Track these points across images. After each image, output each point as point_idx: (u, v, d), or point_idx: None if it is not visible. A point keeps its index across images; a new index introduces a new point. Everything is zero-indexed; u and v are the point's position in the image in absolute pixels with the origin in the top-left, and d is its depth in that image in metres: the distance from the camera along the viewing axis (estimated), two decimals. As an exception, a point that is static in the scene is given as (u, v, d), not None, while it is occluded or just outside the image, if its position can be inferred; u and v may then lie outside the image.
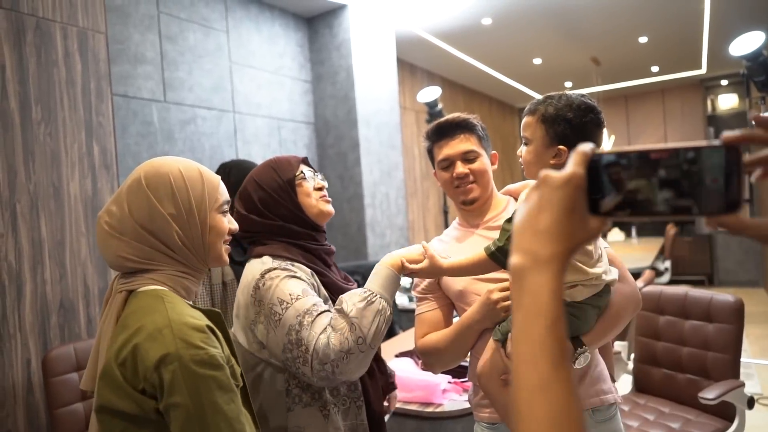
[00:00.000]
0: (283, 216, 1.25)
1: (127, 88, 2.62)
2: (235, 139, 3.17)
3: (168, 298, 0.92)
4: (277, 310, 1.11)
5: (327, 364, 1.06)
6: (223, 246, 1.04)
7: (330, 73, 3.76)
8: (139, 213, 0.95)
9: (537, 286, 0.48)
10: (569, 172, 0.50)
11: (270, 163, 1.30)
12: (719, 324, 2.26)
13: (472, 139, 1.36)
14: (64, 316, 2.26)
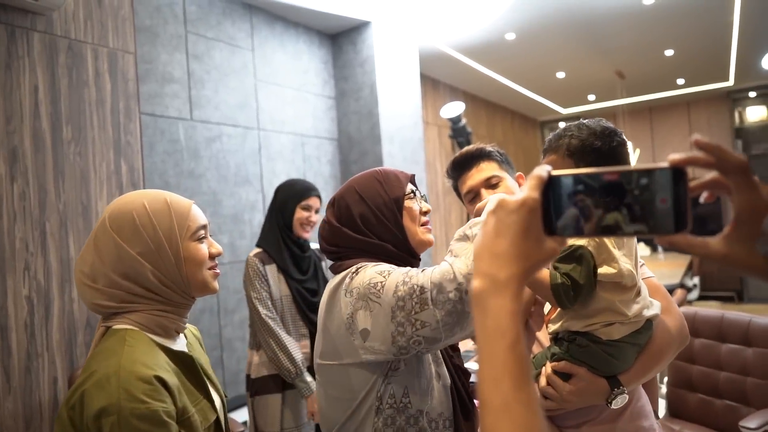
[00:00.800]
0: (381, 236, 1.10)
1: (154, 107, 2.65)
2: (259, 155, 3.18)
3: (131, 341, 0.89)
4: (377, 279, 0.97)
5: (452, 291, 0.90)
6: (207, 273, 0.99)
7: (354, 90, 3.77)
8: (108, 257, 0.92)
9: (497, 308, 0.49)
10: (523, 197, 0.51)
11: (376, 176, 1.15)
12: (759, 348, 2.17)
13: (491, 165, 1.37)
14: (90, 335, 2.27)
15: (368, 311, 0.97)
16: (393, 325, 0.95)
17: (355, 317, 0.99)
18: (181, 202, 1.00)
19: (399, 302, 0.94)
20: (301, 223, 2.11)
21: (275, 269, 2.08)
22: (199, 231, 0.99)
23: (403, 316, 0.94)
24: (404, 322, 0.94)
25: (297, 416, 2.02)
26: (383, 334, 0.96)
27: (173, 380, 0.88)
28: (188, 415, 0.89)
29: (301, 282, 2.09)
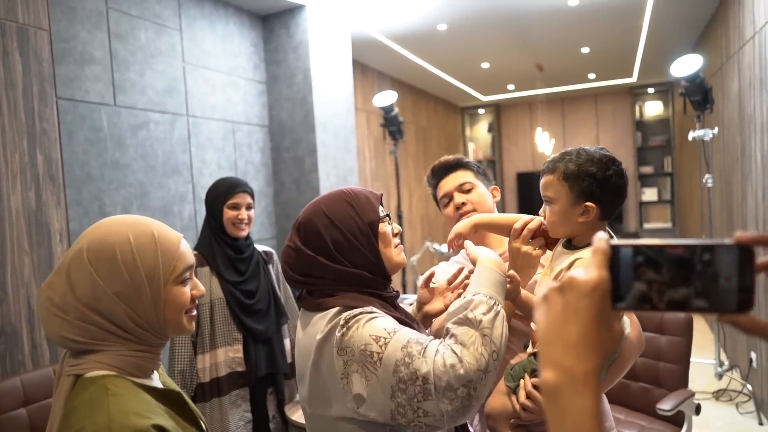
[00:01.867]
0: (355, 262, 1.05)
1: (73, 91, 2.41)
2: (189, 144, 3.01)
3: (114, 389, 0.82)
4: (374, 348, 0.92)
5: (460, 388, 0.87)
6: (185, 317, 0.93)
7: (286, 75, 3.64)
8: (81, 291, 0.85)
9: (578, 408, 0.46)
10: (596, 278, 0.48)
11: (345, 198, 1.08)
12: (671, 336, 2.41)
13: (466, 173, 1.48)
14: (6, 344, 2.07)
15: (364, 378, 0.92)
16: (393, 404, 0.91)
17: (349, 379, 0.94)
18: (170, 238, 0.92)
19: (400, 384, 0.90)
20: (232, 223, 2.03)
21: (208, 271, 2.01)
22: (184, 273, 0.92)
23: (405, 400, 0.90)
24: (405, 405, 0.90)
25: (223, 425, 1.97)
26: (381, 407, 0.92)
27: (170, 424, 0.83)
28: None
29: (236, 284, 2.02)
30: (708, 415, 3.38)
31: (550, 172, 1.12)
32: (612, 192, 1.09)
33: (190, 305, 0.94)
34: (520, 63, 6.00)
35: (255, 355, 2.00)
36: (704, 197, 4.02)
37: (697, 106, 3.63)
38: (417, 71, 6.02)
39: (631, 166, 8.03)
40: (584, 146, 1.13)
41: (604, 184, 1.08)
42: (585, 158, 1.09)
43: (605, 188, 1.08)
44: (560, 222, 1.12)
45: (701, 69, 3.47)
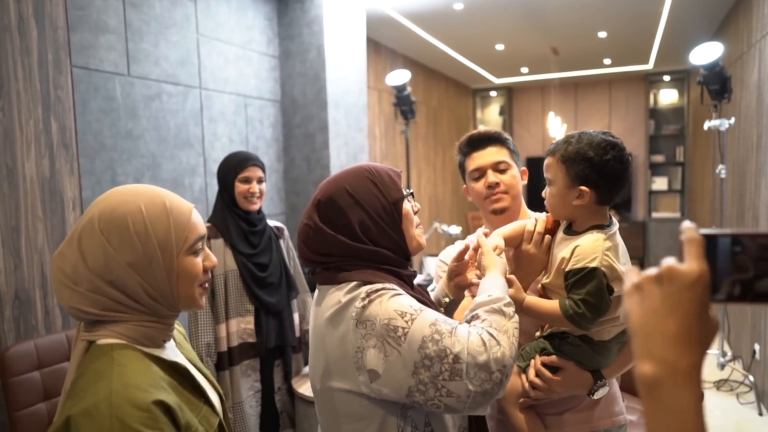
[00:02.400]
0: (378, 242, 1.02)
1: (87, 59, 2.41)
2: (201, 116, 3.00)
3: (120, 360, 0.82)
4: (399, 323, 0.90)
5: (495, 372, 0.86)
6: (198, 290, 0.92)
7: (300, 51, 3.61)
8: (93, 262, 0.84)
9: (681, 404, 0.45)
10: (698, 270, 0.46)
11: (367, 175, 1.04)
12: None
13: (503, 151, 1.40)
14: (20, 308, 2.10)
15: (382, 354, 0.90)
16: (413, 381, 0.89)
17: (364, 353, 0.92)
18: (182, 208, 0.91)
19: (425, 360, 0.88)
20: (244, 197, 2.05)
21: (222, 243, 2.04)
22: (197, 243, 0.91)
23: (428, 377, 0.88)
24: (428, 383, 0.88)
25: (237, 392, 2.01)
26: (398, 384, 0.90)
27: (172, 399, 0.82)
28: (192, 430, 0.84)
29: (249, 256, 2.04)
30: (708, 404, 3.41)
31: (551, 154, 1.15)
32: (609, 177, 1.09)
33: (203, 277, 0.93)
34: (535, 45, 5.91)
35: (266, 327, 2.03)
36: (716, 188, 3.99)
37: (715, 96, 3.57)
38: (430, 50, 5.96)
39: (642, 155, 7.96)
40: (588, 130, 1.14)
41: (600, 168, 1.08)
42: (585, 142, 1.10)
43: (602, 173, 1.09)
44: (557, 204, 1.15)
45: (721, 57, 3.41)
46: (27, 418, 1.89)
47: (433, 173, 7.02)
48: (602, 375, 1.15)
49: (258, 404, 2.07)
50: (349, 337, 0.94)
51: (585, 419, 1.24)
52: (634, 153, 8.02)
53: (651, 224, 7.87)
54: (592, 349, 1.14)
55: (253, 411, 2.05)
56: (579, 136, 1.12)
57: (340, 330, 0.95)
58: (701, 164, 6.23)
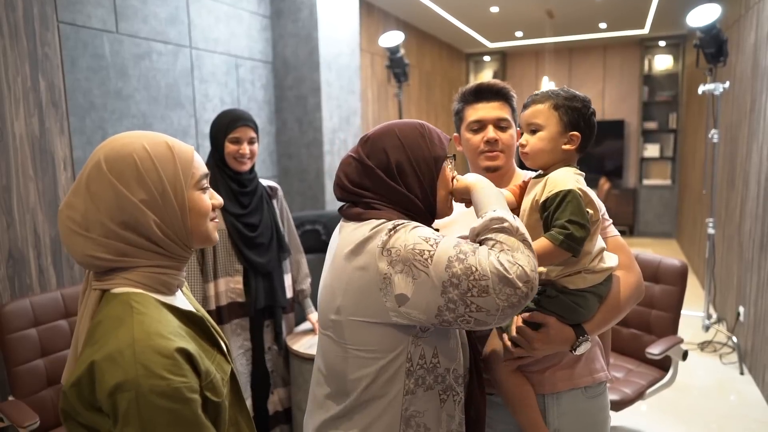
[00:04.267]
0: (411, 188, 1.06)
1: (74, 15, 2.34)
2: (192, 77, 2.95)
3: (139, 307, 0.82)
4: (425, 247, 0.94)
5: (521, 286, 0.90)
6: (209, 224, 0.93)
7: (291, 10, 3.53)
8: (105, 204, 0.83)
9: None
10: None
11: (419, 128, 1.09)
12: (665, 285, 2.46)
13: (506, 108, 1.39)
14: (14, 268, 2.10)
15: (410, 277, 0.94)
16: (442, 300, 0.93)
17: (391, 279, 0.95)
18: (183, 147, 0.91)
19: (453, 279, 0.91)
20: (234, 157, 2.01)
21: None
22: (202, 180, 0.92)
23: (457, 295, 0.92)
24: (457, 300, 0.92)
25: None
26: (427, 305, 0.94)
27: (192, 346, 0.83)
28: (212, 377, 0.85)
29: (239, 216, 2.02)
30: (691, 365, 3.51)
31: (539, 102, 1.20)
32: (590, 128, 1.20)
33: (213, 213, 0.94)
34: (530, 8, 5.81)
35: (255, 288, 2.03)
36: (708, 153, 4.01)
37: (711, 59, 3.56)
38: (424, 12, 5.84)
39: (635, 121, 7.95)
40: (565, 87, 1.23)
41: (587, 119, 1.19)
42: (571, 94, 1.20)
43: (588, 123, 1.19)
44: (546, 148, 1.19)
45: (718, 20, 3.38)
46: (25, 374, 1.91)
47: (426, 139, 6.98)
48: (584, 330, 1.16)
49: (249, 363, 2.08)
50: (373, 265, 0.97)
51: (566, 377, 1.25)
52: (627, 120, 8.01)
53: (642, 191, 7.92)
54: (571, 300, 1.16)
55: (244, 369, 2.07)
56: (554, 90, 1.21)
57: (362, 260, 0.98)
58: (694, 131, 6.24)
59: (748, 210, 3.53)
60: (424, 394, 1.02)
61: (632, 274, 1.23)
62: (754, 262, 3.31)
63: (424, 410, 1.02)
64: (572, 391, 1.26)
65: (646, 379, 2.34)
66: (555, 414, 1.26)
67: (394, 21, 5.95)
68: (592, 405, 1.28)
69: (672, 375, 2.37)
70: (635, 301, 1.25)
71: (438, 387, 1.04)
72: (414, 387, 1.01)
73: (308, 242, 2.97)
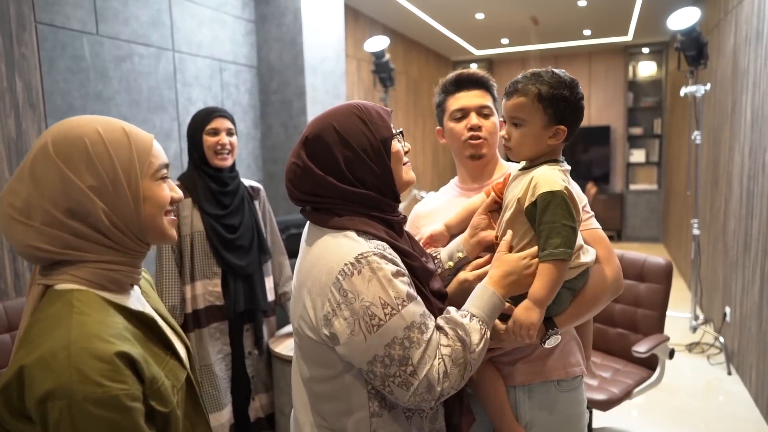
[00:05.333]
0: (365, 182, 1.01)
1: (53, 16, 2.31)
2: (174, 80, 2.93)
3: (80, 307, 0.76)
4: (378, 313, 0.91)
5: (432, 399, 0.94)
6: (165, 219, 0.87)
7: (276, 14, 3.53)
8: (50, 189, 0.76)
9: None
10: None
11: (356, 112, 1.02)
12: (650, 284, 2.46)
13: (488, 96, 1.37)
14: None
15: (349, 330, 0.92)
16: (366, 367, 0.94)
17: (333, 319, 0.93)
18: (142, 134, 0.86)
19: (386, 359, 0.91)
20: (214, 151, 1.96)
21: (190, 203, 1.97)
22: (161, 170, 0.86)
23: (381, 373, 0.92)
24: (378, 376, 0.93)
25: (205, 354, 1.98)
26: (351, 358, 0.95)
27: (136, 350, 0.77)
28: (158, 384, 0.79)
29: (218, 218, 1.98)
30: (679, 366, 3.51)
31: (522, 94, 1.10)
32: (579, 115, 1.12)
33: (170, 207, 0.88)
34: (515, 14, 5.87)
35: (234, 291, 1.98)
36: (692, 155, 4.05)
37: (692, 62, 3.60)
38: (410, 20, 5.87)
39: (621, 127, 8.03)
40: (551, 68, 1.13)
41: (575, 107, 1.11)
42: (556, 80, 1.09)
43: (575, 111, 1.11)
44: (529, 144, 1.12)
45: (698, 23, 3.42)
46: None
47: (413, 144, 6.99)
48: (554, 323, 1.13)
49: (228, 368, 2.03)
50: (327, 293, 0.94)
51: (537, 369, 1.22)
52: (613, 125, 8.08)
53: (629, 196, 7.98)
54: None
55: (224, 375, 2.01)
56: (548, 74, 1.10)
57: (324, 281, 0.95)
58: (678, 136, 6.30)
59: (731, 210, 3.55)
60: (390, 414, 1.00)
61: (610, 268, 1.19)
62: (739, 262, 3.33)
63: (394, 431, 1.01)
64: (544, 384, 1.24)
65: (633, 379, 2.32)
66: (526, 407, 1.23)
67: (380, 28, 5.97)
68: (565, 399, 1.25)
69: (659, 374, 2.36)
70: (612, 294, 1.20)
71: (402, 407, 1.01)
72: (379, 409, 0.99)
73: (293, 246, 2.93)
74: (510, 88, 1.15)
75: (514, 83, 1.14)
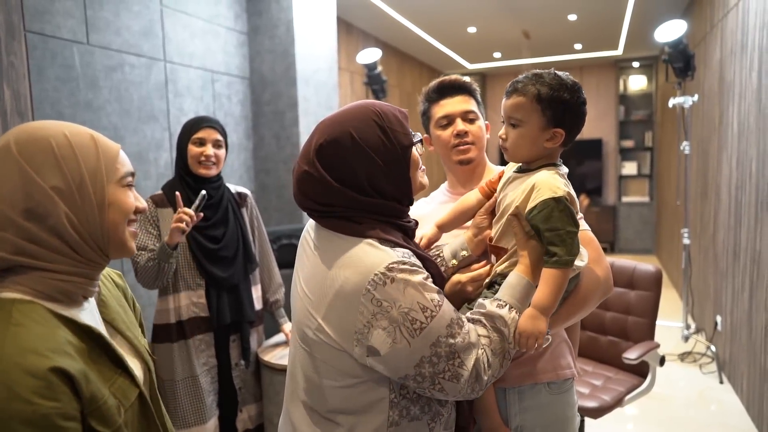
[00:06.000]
0: (385, 193, 0.98)
1: (43, 25, 2.32)
2: (166, 90, 2.94)
3: (19, 318, 0.72)
4: (419, 317, 0.89)
5: (480, 389, 0.94)
6: (127, 230, 0.84)
7: (268, 26, 3.56)
8: (9, 189, 0.73)
9: None
10: None
11: (375, 118, 0.96)
12: (640, 291, 2.46)
13: (471, 101, 1.37)
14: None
15: (390, 339, 0.89)
16: (414, 371, 0.91)
17: (371, 330, 0.89)
18: (109, 143, 0.85)
19: (434, 358, 0.90)
20: (198, 161, 1.93)
21: (171, 213, 1.92)
22: (127, 177, 0.84)
23: (430, 373, 0.91)
24: (427, 377, 0.91)
25: (190, 366, 1.94)
26: (396, 368, 0.91)
27: (77, 366, 0.73)
28: (99, 403, 0.75)
29: (200, 229, 1.93)
30: (672, 375, 3.50)
31: (521, 94, 1.07)
32: (579, 119, 1.08)
33: (134, 216, 0.86)
34: (507, 28, 5.94)
35: (218, 303, 1.95)
36: (681, 165, 4.08)
37: (679, 73, 3.65)
38: (403, 33, 5.94)
39: (612, 140, 8.10)
40: (553, 70, 1.09)
41: (574, 111, 1.06)
42: (558, 82, 1.05)
43: (575, 115, 1.07)
44: (525, 145, 1.08)
45: (685, 35, 3.48)
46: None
47: (406, 158, 7.02)
48: None
49: (214, 381, 2.00)
50: (359, 307, 0.90)
51: (527, 371, 1.22)
52: (605, 139, 8.15)
53: (621, 208, 8.02)
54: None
55: (210, 388, 1.97)
56: (549, 75, 1.07)
57: (352, 294, 0.91)
58: (668, 148, 6.36)
59: (720, 220, 3.57)
60: (410, 424, 0.97)
61: (600, 268, 1.18)
62: (729, 271, 3.34)
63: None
64: (535, 387, 1.23)
65: (624, 386, 2.31)
66: (516, 409, 1.23)
67: (373, 41, 6.03)
68: (556, 401, 1.25)
69: (650, 381, 2.35)
70: (602, 295, 1.19)
71: (426, 417, 0.99)
72: (398, 418, 0.97)
73: (285, 257, 2.92)
74: (510, 87, 1.11)
75: (515, 83, 1.10)
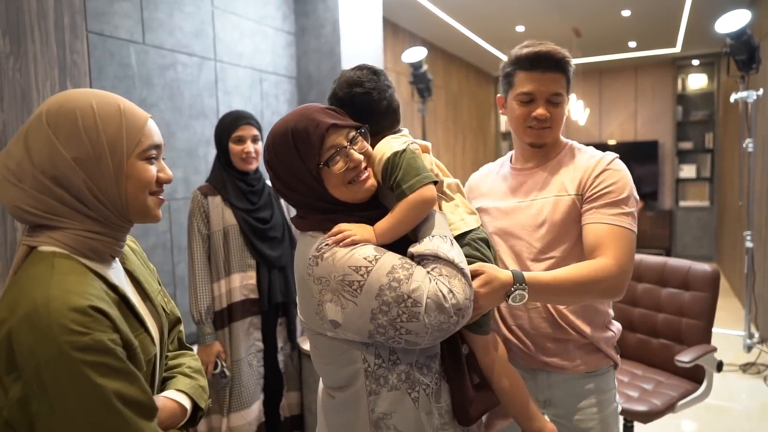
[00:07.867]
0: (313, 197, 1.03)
1: (103, 25, 2.45)
2: (216, 89, 3.03)
3: (60, 267, 0.79)
4: (354, 278, 0.92)
5: (453, 315, 0.91)
6: (150, 199, 0.88)
7: (315, 26, 3.62)
8: (39, 157, 0.81)
9: None
10: None
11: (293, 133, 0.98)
12: (695, 292, 2.33)
13: (563, 81, 1.24)
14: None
15: (339, 306, 0.94)
16: (372, 326, 0.93)
17: (323, 306, 0.96)
18: (137, 113, 0.88)
19: (383, 306, 0.91)
20: (240, 158, 2.02)
21: (220, 201, 2.02)
22: (150, 150, 0.88)
23: (387, 321, 0.92)
24: (387, 325, 0.92)
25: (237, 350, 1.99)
26: (358, 329, 0.95)
27: (113, 311, 0.80)
28: (133, 347, 0.82)
29: (249, 212, 2.03)
30: (733, 387, 3.30)
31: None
32: None
33: (157, 187, 0.90)
34: (556, 27, 5.80)
35: (269, 282, 2.02)
36: (744, 165, 3.85)
37: (742, 67, 3.45)
38: (449, 34, 5.90)
39: (669, 141, 7.76)
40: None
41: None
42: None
43: None
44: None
45: (749, 25, 3.29)
46: None
47: (452, 159, 6.97)
48: (522, 278, 1.04)
49: (260, 364, 2.05)
50: (311, 290, 0.97)
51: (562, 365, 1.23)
52: (661, 140, 7.82)
53: (678, 213, 7.66)
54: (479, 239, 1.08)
55: (254, 371, 2.03)
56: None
57: (305, 285, 1.00)
58: (731, 150, 6.03)
59: (788, 222, 3.35)
60: (389, 394, 0.98)
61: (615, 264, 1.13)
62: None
63: (392, 411, 0.98)
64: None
65: (677, 391, 2.19)
66: (545, 385, 1.22)
67: (419, 41, 6.02)
68: (587, 381, 1.23)
69: (706, 387, 2.22)
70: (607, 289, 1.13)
71: (404, 386, 0.99)
72: (376, 387, 0.99)
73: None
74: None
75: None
